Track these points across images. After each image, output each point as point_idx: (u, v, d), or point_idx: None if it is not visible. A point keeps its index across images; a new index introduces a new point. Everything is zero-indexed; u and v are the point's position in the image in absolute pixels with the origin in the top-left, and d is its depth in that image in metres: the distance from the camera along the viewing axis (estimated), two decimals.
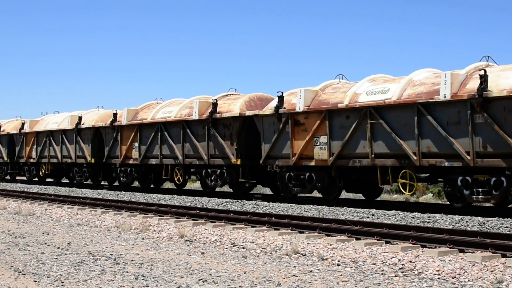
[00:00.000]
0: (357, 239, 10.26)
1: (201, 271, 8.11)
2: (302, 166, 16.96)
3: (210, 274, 7.90)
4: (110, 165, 25.16)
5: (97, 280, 7.50)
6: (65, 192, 23.35)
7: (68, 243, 10.86)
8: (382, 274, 8.01)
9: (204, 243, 10.94)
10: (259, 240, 10.69)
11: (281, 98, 17.47)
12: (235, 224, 12.56)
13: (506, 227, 11.44)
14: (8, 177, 33.82)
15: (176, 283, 7.33)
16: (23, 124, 30.99)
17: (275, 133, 17.55)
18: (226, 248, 10.42)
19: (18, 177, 33.61)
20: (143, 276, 7.72)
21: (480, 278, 7.49)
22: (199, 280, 7.53)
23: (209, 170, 20.02)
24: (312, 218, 12.39)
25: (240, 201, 17.77)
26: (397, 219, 12.93)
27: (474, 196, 13.43)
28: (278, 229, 11.60)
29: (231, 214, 13.72)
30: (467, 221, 12.14)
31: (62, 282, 7.41)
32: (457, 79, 13.76)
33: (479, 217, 12.65)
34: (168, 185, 26.83)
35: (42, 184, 29.73)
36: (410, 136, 14.39)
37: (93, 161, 25.65)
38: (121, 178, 24.18)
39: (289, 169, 17.45)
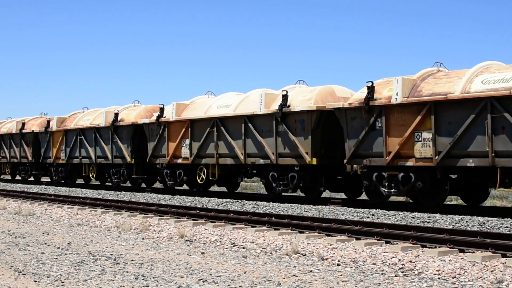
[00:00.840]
0: (357, 239, 10.26)
1: (201, 271, 8.11)
2: None
3: (210, 274, 7.90)
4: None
5: (97, 280, 7.50)
6: (65, 192, 23.34)
7: (68, 243, 10.86)
8: (382, 274, 8.01)
9: (204, 243, 10.94)
10: (259, 240, 10.69)
11: None
12: (235, 224, 12.56)
13: (506, 227, 11.44)
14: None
15: (176, 283, 7.33)
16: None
17: None
18: (226, 248, 10.42)
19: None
20: (143, 276, 7.71)
21: (480, 278, 7.49)
22: (199, 280, 7.53)
23: None
24: (312, 218, 12.38)
25: (240, 201, 17.75)
26: (397, 219, 12.93)
27: None
28: (278, 229, 11.60)
29: (231, 214, 13.71)
30: (467, 221, 12.14)
31: (62, 282, 7.41)
32: None
33: (479, 217, 12.65)
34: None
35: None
36: None
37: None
38: None
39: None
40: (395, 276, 7.86)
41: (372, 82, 15.23)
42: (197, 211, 14.67)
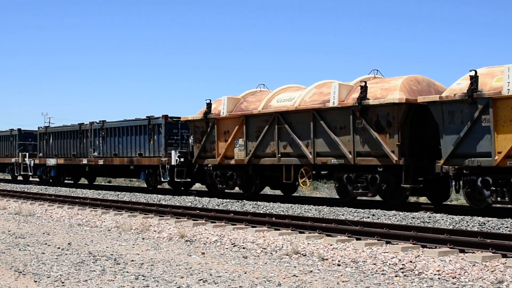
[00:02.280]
0: (358, 239, 10.26)
1: (202, 271, 8.11)
2: None
3: (211, 274, 7.90)
4: None
5: (98, 280, 7.50)
6: (65, 193, 23.34)
7: (68, 243, 10.86)
8: (382, 274, 8.01)
9: (205, 243, 10.94)
10: (260, 240, 10.69)
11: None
12: (235, 224, 12.55)
13: (506, 227, 11.45)
14: None
15: (176, 283, 7.33)
16: None
17: None
18: (227, 248, 10.42)
19: None
20: (144, 276, 7.72)
21: (480, 278, 7.49)
22: (200, 280, 7.53)
23: None
24: (312, 218, 12.38)
25: (240, 201, 17.77)
26: (397, 219, 12.94)
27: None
28: (279, 229, 11.60)
29: (232, 214, 13.71)
30: (467, 221, 12.14)
31: (63, 282, 7.41)
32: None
33: (479, 217, 12.66)
34: None
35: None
36: None
37: None
38: None
39: None
40: (396, 276, 7.86)
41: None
42: (197, 211, 14.67)
